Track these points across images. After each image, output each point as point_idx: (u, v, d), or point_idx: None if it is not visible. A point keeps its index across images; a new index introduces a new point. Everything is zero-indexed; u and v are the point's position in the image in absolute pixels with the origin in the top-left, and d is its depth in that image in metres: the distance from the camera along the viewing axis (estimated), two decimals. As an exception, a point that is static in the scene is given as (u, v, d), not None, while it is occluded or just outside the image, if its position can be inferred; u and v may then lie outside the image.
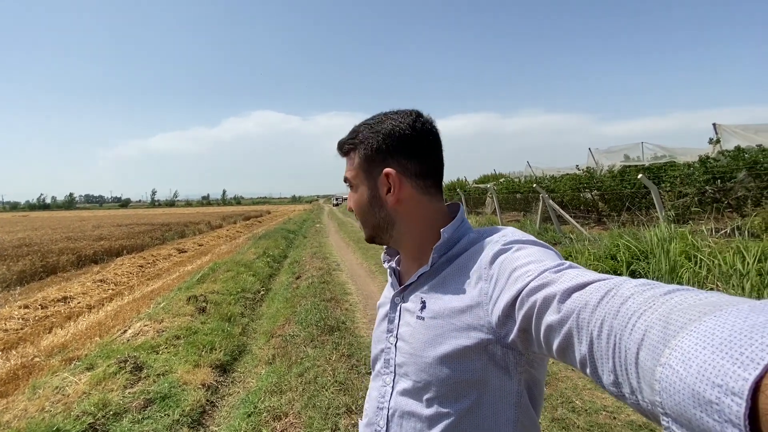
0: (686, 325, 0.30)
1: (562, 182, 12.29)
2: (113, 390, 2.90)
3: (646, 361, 0.32)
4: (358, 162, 0.70)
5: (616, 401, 2.56)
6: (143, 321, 4.59)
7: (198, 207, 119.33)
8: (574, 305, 0.42)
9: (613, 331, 0.37)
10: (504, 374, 0.57)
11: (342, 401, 2.54)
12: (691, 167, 8.25)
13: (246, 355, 3.91)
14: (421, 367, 0.62)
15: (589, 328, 0.40)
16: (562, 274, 0.47)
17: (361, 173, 0.71)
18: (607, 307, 0.38)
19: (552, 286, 0.46)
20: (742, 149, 7.62)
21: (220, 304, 5.20)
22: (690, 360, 0.28)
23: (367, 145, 0.69)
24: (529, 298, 0.48)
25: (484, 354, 0.57)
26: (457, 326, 0.59)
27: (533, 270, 0.50)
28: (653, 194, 6.28)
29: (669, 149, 11.38)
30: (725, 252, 4.37)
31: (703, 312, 0.30)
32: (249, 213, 36.58)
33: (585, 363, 0.41)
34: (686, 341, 0.29)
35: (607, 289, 0.40)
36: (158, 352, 3.70)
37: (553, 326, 0.44)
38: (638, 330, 0.34)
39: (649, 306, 0.35)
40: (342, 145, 0.73)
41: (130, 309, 6.07)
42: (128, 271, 9.49)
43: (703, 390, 0.26)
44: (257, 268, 7.71)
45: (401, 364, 0.66)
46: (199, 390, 3.03)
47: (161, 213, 50.81)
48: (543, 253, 0.55)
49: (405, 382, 0.65)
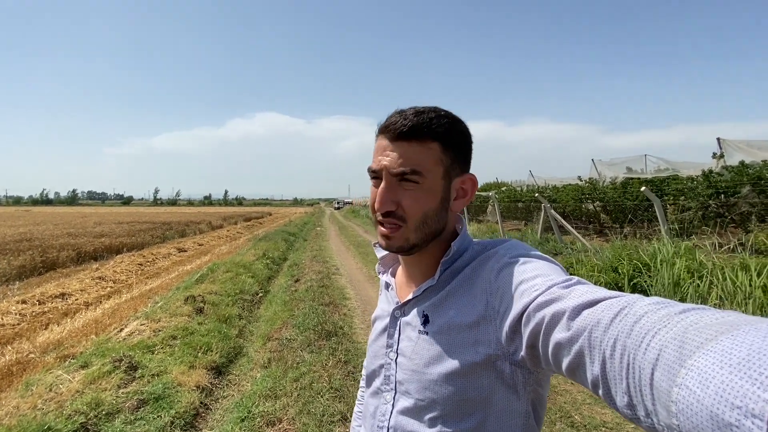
0: (703, 345, 0.29)
1: (565, 192, 12.27)
2: (107, 389, 2.87)
3: (661, 382, 0.31)
4: (439, 155, 0.60)
5: (615, 417, 2.52)
6: (140, 320, 4.56)
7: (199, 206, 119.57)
8: (586, 323, 0.40)
9: (627, 350, 0.35)
10: (512, 393, 0.55)
11: (337, 408, 2.51)
12: (694, 181, 8.23)
13: (242, 357, 3.87)
14: (424, 384, 0.59)
15: (601, 348, 0.38)
16: (572, 290, 0.45)
17: (440, 169, 0.61)
18: (621, 326, 0.37)
19: (561, 302, 0.44)
20: (746, 164, 7.60)
21: (217, 305, 5.17)
22: (707, 381, 0.27)
23: (456, 140, 0.61)
24: (536, 313, 0.46)
25: (492, 371, 0.55)
26: (464, 342, 0.57)
27: (540, 284, 0.48)
28: (656, 207, 6.24)
29: (672, 163, 11.38)
30: (729, 268, 4.33)
31: (719, 331, 0.29)
32: (250, 214, 36.63)
33: (597, 384, 0.39)
34: (703, 361, 0.28)
35: (620, 307, 0.39)
36: (154, 352, 3.66)
37: (563, 344, 0.42)
38: (653, 349, 0.33)
39: (664, 325, 0.34)
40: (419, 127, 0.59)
41: (127, 307, 6.04)
42: (127, 269, 9.47)
43: (722, 412, 0.25)
44: (256, 270, 7.68)
45: (402, 381, 0.63)
46: (193, 392, 2.99)
47: (163, 211, 50.90)
48: (549, 268, 0.53)
49: (406, 400, 0.62)
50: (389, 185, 0.61)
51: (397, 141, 0.60)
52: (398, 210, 0.60)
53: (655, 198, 6.18)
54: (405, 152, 0.59)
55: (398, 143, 0.60)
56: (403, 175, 0.59)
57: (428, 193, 0.60)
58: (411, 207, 0.60)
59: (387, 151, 0.60)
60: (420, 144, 0.59)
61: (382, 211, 0.61)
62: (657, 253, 5.16)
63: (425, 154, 0.59)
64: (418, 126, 0.59)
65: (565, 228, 8.62)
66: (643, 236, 7.36)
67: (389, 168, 0.60)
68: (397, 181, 0.60)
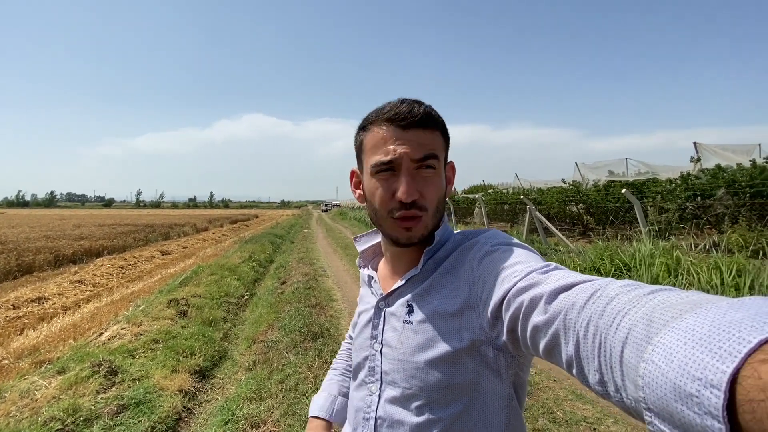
0: (668, 323, 0.31)
1: (549, 195, 12.49)
2: (85, 395, 2.79)
3: (630, 359, 0.32)
4: (442, 143, 0.63)
5: (596, 412, 2.57)
6: (121, 324, 4.46)
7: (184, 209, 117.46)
8: (561, 306, 0.42)
9: (599, 330, 0.37)
10: (495, 377, 0.57)
11: (322, 409, 2.49)
12: (672, 183, 8.48)
13: (227, 360, 3.82)
14: (411, 373, 0.60)
15: (575, 329, 0.40)
16: (549, 275, 0.47)
17: (443, 156, 0.64)
18: (593, 308, 0.38)
19: (539, 287, 0.46)
20: (721, 168, 7.86)
21: (202, 308, 5.09)
22: (672, 355, 0.28)
23: (447, 130, 0.65)
24: (516, 298, 0.48)
25: (476, 355, 0.56)
26: (449, 329, 0.58)
27: (520, 271, 0.50)
28: (636, 209, 6.41)
29: (651, 166, 11.69)
30: (704, 267, 4.47)
31: (684, 310, 0.31)
32: (236, 216, 36.14)
33: (571, 363, 0.41)
34: (668, 337, 0.29)
35: (593, 290, 0.40)
36: (135, 356, 3.59)
37: (540, 327, 0.44)
38: (623, 329, 0.34)
39: (634, 305, 0.35)
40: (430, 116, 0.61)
41: (107, 311, 5.90)
42: (108, 272, 9.24)
43: (684, 384, 0.27)
44: (242, 273, 7.59)
45: (388, 371, 0.64)
46: (175, 396, 2.94)
47: (146, 214, 49.84)
48: (528, 255, 0.54)
49: (393, 389, 0.63)
50: (412, 173, 0.60)
51: (411, 129, 0.59)
52: (420, 199, 0.60)
53: (635, 200, 6.34)
54: (421, 139, 0.59)
55: (413, 131, 0.59)
56: (424, 161, 0.59)
57: (440, 179, 0.63)
58: (431, 194, 0.61)
59: (398, 140, 0.59)
60: (431, 132, 0.61)
61: (409, 200, 0.59)
62: (637, 253, 5.30)
63: (436, 141, 0.61)
64: (427, 114, 0.60)
65: (549, 230, 8.76)
66: (624, 237, 7.54)
67: (410, 155, 0.59)
68: (415, 169, 0.60)
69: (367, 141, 0.63)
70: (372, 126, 0.63)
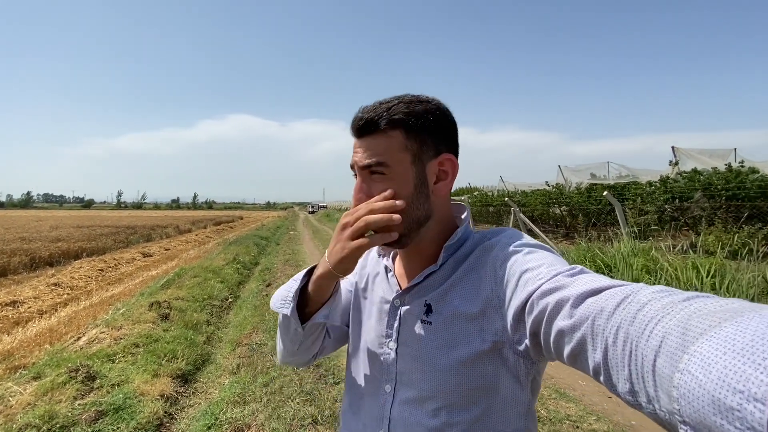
0: (706, 331, 0.29)
1: (533, 197, 12.68)
2: (62, 401, 2.71)
3: (663, 368, 0.31)
4: (403, 142, 0.59)
5: (579, 410, 2.62)
6: (100, 328, 4.34)
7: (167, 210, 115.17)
8: (589, 311, 0.41)
9: (630, 337, 0.35)
10: (515, 382, 0.56)
11: (308, 412, 2.47)
12: (652, 186, 8.71)
13: (210, 364, 3.75)
14: (430, 374, 0.59)
15: (604, 335, 0.38)
16: (576, 278, 0.46)
17: (407, 156, 0.60)
18: (624, 314, 0.37)
19: (565, 290, 0.44)
20: (698, 171, 8.12)
21: (184, 311, 4.99)
22: (710, 366, 0.27)
23: (419, 124, 0.59)
24: (540, 301, 0.46)
25: (497, 357, 0.55)
26: (470, 330, 0.57)
27: (545, 273, 0.49)
28: (617, 211, 6.57)
29: (632, 169, 11.99)
30: (682, 267, 4.61)
31: (723, 318, 0.29)
32: (220, 218, 35.61)
33: (599, 370, 0.39)
34: (706, 347, 0.28)
35: (623, 296, 0.39)
36: (114, 360, 3.49)
37: (565, 331, 0.43)
38: (656, 336, 0.33)
39: (667, 312, 0.34)
40: (374, 121, 0.59)
41: (86, 315, 5.73)
42: (87, 274, 8.99)
43: (723, 396, 0.25)
44: (226, 275, 7.48)
45: (404, 372, 0.62)
46: (157, 401, 2.87)
47: (127, 215, 48.70)
48: (553, 258, 0.53)
49: (409, 390, 0.61)
50: (361, 179, 0.61)
51: (361, 137, 0.61)
52: None
53: (617, 202, 6.50)
54: (369, 145, 0.60)
55: (363, 139, 0.61)
56: (369, 168, 0.60)
57: (399, 181, 0.59)
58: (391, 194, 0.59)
59: (356, 148, 0.62)
60: (382, 135, 0.59)
61: (354, 205, 0.61)
62: (617, 253, 5.42)
63: (388, 143, 0.59)
64: (373, 118, 0.59)
65: (533, 231, 8.90)
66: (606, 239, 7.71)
67: (357, 163, 0.61)
68: (368, 175, 0.61)
69: None
70: None
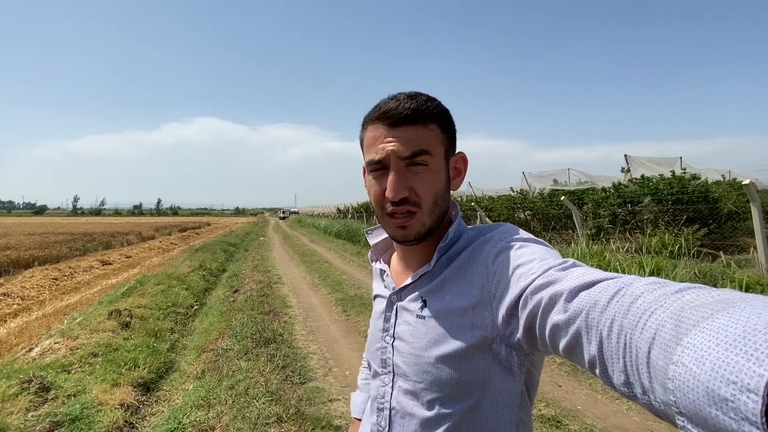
0: (699, 323, 0.29)
1: (499, 202, 13.13)
2: (13, 413, 2.60)
3: (658, 360, 0.31)
4: (441, 137, 0.61)
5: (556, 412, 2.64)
6: (54, 338, 4.16)
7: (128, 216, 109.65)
8: (583, 304, 0.41)
9: (624, 330, 0.36)
10: (507, 375, 0.56)
11: (273, 411, 2.51)
12: (606, 192, 9.27)
13: (174, 372, 3.69)
14: (422, 367, 0.60)
15: (598, 328, 0.38)
16: (568, 272, 0.46)
17: (442, 150, 0.61)
18: (617, 306, 0.37)
19: (558, 285, 0.45)
20: (647, 178, 8.72)
21: (147, 319, 4.86)
22: (703, 357, 0.27)
23: (448, 121, 0.62)
24: (534, 296, 0.47)
25: (488, 353, 0.55)
26: (461, 325, 0.57)
27: (537, 268, 0.49)
28: (574, 215, 6.97)
29: (591, 176, 12.67)
30: (629, 266, 4.97)
31: (715, 309, 0.30)
32: (186, 224, 34.42)
33: (594, 363, 0.39)
34: (699, 338, 0.28)
35: (617, 288, 0.39)
36: (70, 371, 3.38)
37: (560, 325, 0.43)
38: (649, 329, 0.33)
39: (660, 304, 0.34)
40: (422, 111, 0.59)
41: (38, 325, 5.45)
42: (39, 284, 8.50)
43: (717, 387, 0.26)
44: (191, 282, 7.30)
45: (399, 364, 0.64)
46: (116, 410, 2.81)
47: (84, 222, 46.04)
48: (545, 251, 0.53)
49: (405, 382, 0.63)
50: (399, 171, 0.59)
51: (400, 126, 0.59)
52: (411, 195, 0.59)
53: (574, 207, 6.89)
54: (410, 135, 0.59)
55: (402, 128, 0.59)
56: (412, 158, 0.59)
57: (436, 174, 0.60)
58: (423, 190, 0.59)
59: (389, 137, 0.59)
60: (423, 126, 0.59)
61: (396, 198, 0.59)
62: (573, 254, 5.76)
63: (429, 135, 0.59)
64: (419, 109, 0.59)
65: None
66: (565, 241, 8.12)
67: (398, 153, 0.58)
68: (405, 166, 0.59)
69: (364, 139, 0.64)
70: (368, 124, 0.63)
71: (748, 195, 4.46)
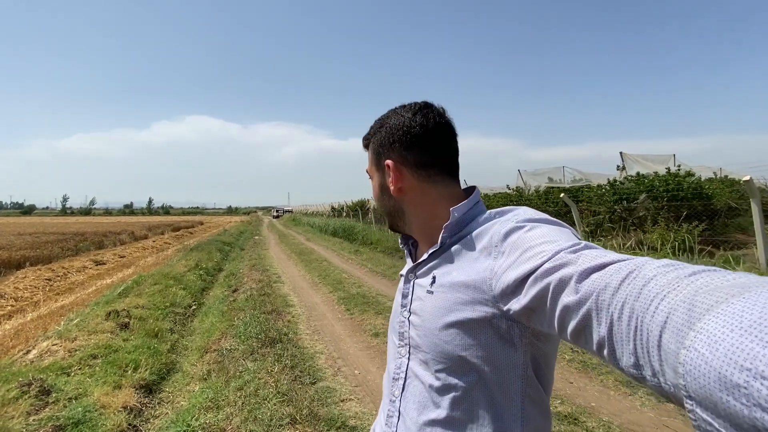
0: (713, 307, 0.29)
1: (495, 200, 13.15)
2: (14, 417, 2.53)
3: (669, 344, 0.31)
4: (371, 156, 0.78)
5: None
6: (51, 340, 4.06)
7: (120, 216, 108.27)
8: (594, 286, 0.41)
9: (635, 313, 0.36)
10: (509, 347, 0.58)
11: (286, 412, 2.46)
12: (602, 189, 9.33)
13: (176, 373, 3.62)
14: (431, 339, 0.64)
15: (609, 310, 0.38)
16: (580, 254, 0.46)
17: (373, 165, 0.78)
18: (629, 289, 0.37)
19: (568, 267, 0.45)
20: (642, 175, 8.79)
21: (145, 319, 4.78)
22: (717, 343, 0.27)
23: (376, 139, 0.77)
24: (543, 279, 0.47)
25: (488, 327, 0.57)
26: (463, 300, 0.60)
27: (547, 250, 0.49)
28: (573, 212, 6.99)
29: (585, 174, 12.75)
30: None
31: (730, 294, 0.29)
32: (179, 223, 34.01)
33: (603, 345, 0.39)
34: (712, 324, 0.28)
35: (628, 270, 0.39)
36: (70, 373, 3.30)
37: (570, 307, 0.43)
38: (661, 312, 0.33)
39: (674, 288, 0.34)
40: (363, 140, 0.81)
41: (34, 327, 5.33)
42: (32, 284, 8.33)
43: (730, 374, 0.26)
44: (188, 282, 7.21)
45: (413, 337, 0.68)
46: (119, 413, 2.75)
47: (74, 221, 45.35)
48: (558, 233, 0.53)
49: (418, 354, 0.67)
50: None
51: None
52: None
53: (573, 204, 6.92)
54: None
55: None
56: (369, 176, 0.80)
57: (373, 185, 0.79)
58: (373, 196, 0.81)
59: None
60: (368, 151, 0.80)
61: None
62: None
63: (369, 156, 0.79)
64: (363, 140, 0.81)
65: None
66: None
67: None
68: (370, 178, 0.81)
69: None
70: None
71: (748, 191, 4.49)
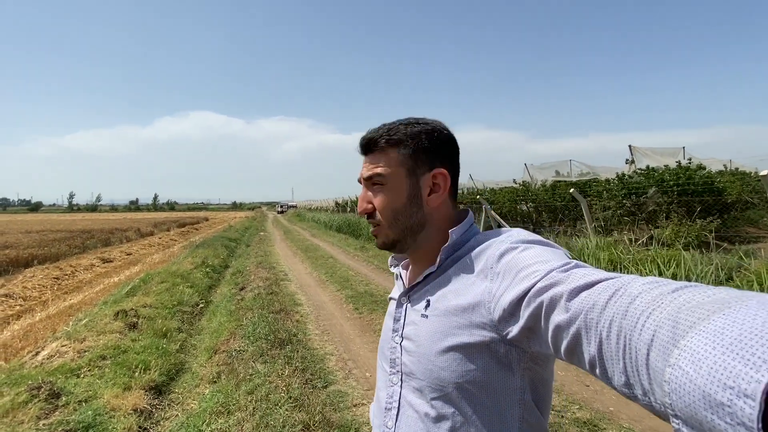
0: (695, 324, 0.30)
1: (502, 194, 13.05)
2: (24, 422, 2.52)
3: (656, 362, 0.32)
4: (400, 159, 0.68)
5: (562, 400, 2.71)
6: (61, 340, 4.05)
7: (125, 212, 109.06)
8: (582, 305, 0.42)
9: (623, 331, 0.36)
10: (507, 371, 0.57)
11: (298, 418, 2.42)
12: (611, 183, 9.19)
13: (185, 374, 3.60)
14: (426, 365, 0.62)
15: (598, 329, 0.39)
16: (570, 273, 0.47)
17: (402, 171, 0.69)
18: (616, 307, 0.38)
19: (559, 286, 0.45)
20: (652, 168, 8.64)
21: (153, 318, 4.76)
22: (700, 361, 0.27)
23: (414, 143, 0.69)
24: (537, 298, 0.48)
25: (486, 352, 0.57)
26: (460, 324, 0.59)
27: (540, 270, 0.50)
28: (583, 207, 6.88)
29: (592, 167, 12.58)
30: (644, 260, 4.90)
31: (711, 310, 0.30)
32: (184, 219, 34.12)
33: (594, 364, 0.40)
34: (695, 341, 0.29)
35: (615, 289, 0.40)
36: (80, 375, 3.29)
37: (561, 326, 0.44)
38: (648, 330, 0.33)
39: (658, 305, 0.34)
40: (375, 140, 0.70)
41: (43, 327, 5.34)
42: (41, 283, 8.36)
43: (714, 392, 0.26)
44: (195, 279, 7.20)
45: (407, 363, 0.66)
46: (130, 416, 2.73)
47: (81, 218, 45.69)
48: (550, 253, 0.54)
49: (411, 381, 0.65)
50: (364, 189, 0.72)
51: (365, 155, 0.73)
52: (373, 211, 0.70)
53: (582, 199, 6.80)
54: (370, 161, 0.71)
55: (366, 156, 0.72)
56: (371, 180, 0.69)
57: (393, 191, 0.68)
58: (380, 206, 0.69)
59: (363, 164, 0.72)
60: (380, 153, 0.69)
61: (359, 211, 0.71)
62: (584, 248, 5.68)
63: (386, 159, 0.69)
64: (372, 139, 0.70)
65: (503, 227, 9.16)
66: (572, 234, 8.06)
67: (363, 175, 0.72)
68: (370, 186, 0.70)
69: None
70: None
71: (766, 186, 4.39)
